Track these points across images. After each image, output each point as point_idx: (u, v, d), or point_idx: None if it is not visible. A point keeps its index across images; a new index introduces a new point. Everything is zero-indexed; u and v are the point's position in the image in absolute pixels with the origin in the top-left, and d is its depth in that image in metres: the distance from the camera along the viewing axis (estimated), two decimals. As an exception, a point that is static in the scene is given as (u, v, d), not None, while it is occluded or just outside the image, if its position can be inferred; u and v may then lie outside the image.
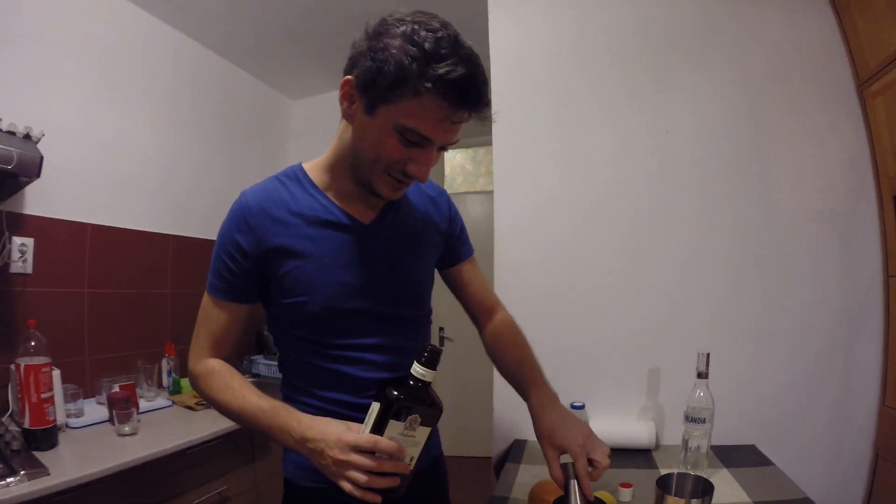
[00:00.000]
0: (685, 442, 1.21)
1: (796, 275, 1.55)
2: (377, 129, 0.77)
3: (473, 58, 0.73)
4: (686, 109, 1.62)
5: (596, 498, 0.91)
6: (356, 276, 0.89)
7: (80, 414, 1.68)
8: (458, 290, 1.12)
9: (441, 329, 4.02)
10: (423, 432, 0.77)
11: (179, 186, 2.36)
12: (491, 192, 1.73)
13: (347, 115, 0.82)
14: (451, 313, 3.85)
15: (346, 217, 0.90)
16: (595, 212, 1.65)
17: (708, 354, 1.19)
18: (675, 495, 0.89)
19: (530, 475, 1.27)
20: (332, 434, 0.74)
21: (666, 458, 1.39)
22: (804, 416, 1.54)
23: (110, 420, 1.65)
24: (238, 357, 2.27)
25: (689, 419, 1.20)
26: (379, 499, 0.73)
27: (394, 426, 0.75)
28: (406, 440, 0.76)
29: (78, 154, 1.90)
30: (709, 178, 1.60)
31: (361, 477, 0.71)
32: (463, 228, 1.10)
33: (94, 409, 1.74)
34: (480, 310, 1.13)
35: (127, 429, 1.57)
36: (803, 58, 1.60)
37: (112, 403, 1.62)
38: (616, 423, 1.46)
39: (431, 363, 0.77)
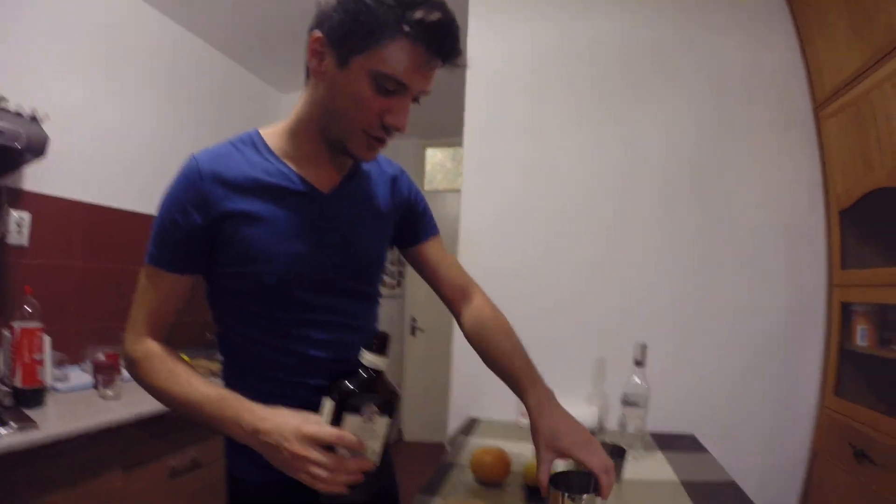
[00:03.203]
0: (622, 424, 1.31)
1: (744, 279, 1.66)
2: (352, 80, 0.76)
3: (446, 5, 0.74)
4: (656, 122, 1.74)
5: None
6: (311, 246, 0.84)
7: (65, 379, 1.78)
8: (427, 272, 1.05)
9: (413, 319, 4.15)
10: (382, 423, 0.75)
11: (172, 171, 2.44)
12: (471, 191, 1.83)
13: (317, 73, 0.80)
14: (423, 304, 4.05)
15: (303, 184, 0.85)
16: (559, 215, 1.76)
17: (644, 344, 1.29)
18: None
19: (479, 446, 1.34)
20: (288, 426, 0.69)
21: (606, 440, 1.47)
22: (744, 411, 1.65)
23: (94, 385, 1.74)
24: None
25: (626, 403, 1.29)
26: (344, 487, 0.70)
27: (351, 421, 0.72)
28: (366, 433, 0.73)
29: (77, 136, 1.99)
30: (671, 187, 1.71)
31: (323, 474, 0.68)
32: (426, 208, 1.06)
33: (79, 376, 1.83)
34: (454, 293, 1.05)
35: (110, 393, 1.67)
36: (767, 78, 1.73)
37: (97, 369, 1.71)
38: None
39: (382, 350, 0.74)
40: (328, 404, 0.73)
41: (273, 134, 0.88)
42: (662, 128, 1.73)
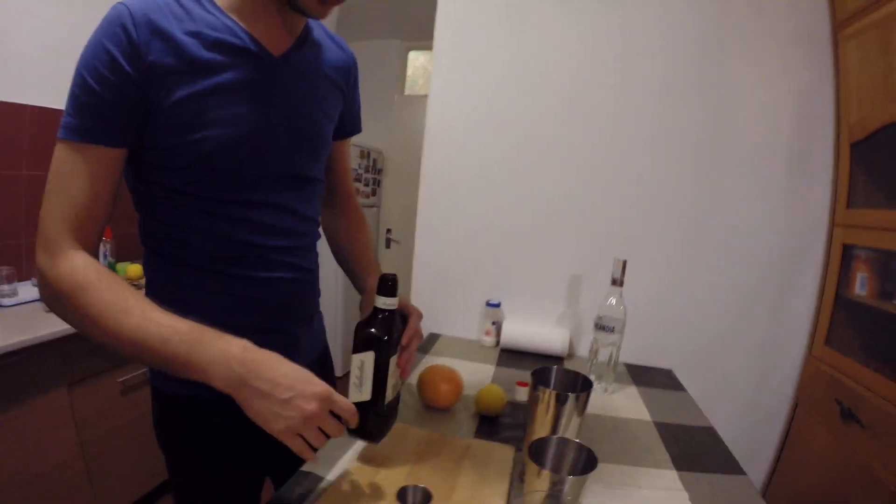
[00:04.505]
0: (594, 351, 1.19)
1: (739, 207, 1.52)
2: None
3: None
4: (656, 25, 1.53)
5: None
6: (259, 114, 0.74)
7: (13, 294, 1.68)
8: (329, 166, 0.99)
9: (388, 231, 4.03)
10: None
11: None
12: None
13: None
14: (399, 214, 3.93)
15: (253, 43, 0.73)
16: (540, 118, 1.57)
17: (624, 261, 1.15)
18: (553, 389, 0.85)
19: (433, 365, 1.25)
20: (312, 385, 0.61)
21: (576, 367, 1.36)
22: (727, 349, 1.55)
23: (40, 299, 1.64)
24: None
25: (599, 327, 1.16)
26: (314, 456, 0.65)
27: (392, 364, 0.73)
28: (395, 371, 0.75)
29: (23, 36, 1.82)
30: (668, 95, 1.53)
31: (321, 438, 0.63)
32: (359, 103, 1.01)
33: (29, 291, 1.74)
34: (342, 192, 1.05)
35: (54, 306, 1.57)
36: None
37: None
38: (530, 325, 1.46)
39: (395, 290, 0.73)
40: (367, 358, 0.70)
41: None
42: (664, 31, 1.52)
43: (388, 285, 0.72)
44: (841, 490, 1.38)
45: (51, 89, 1.89)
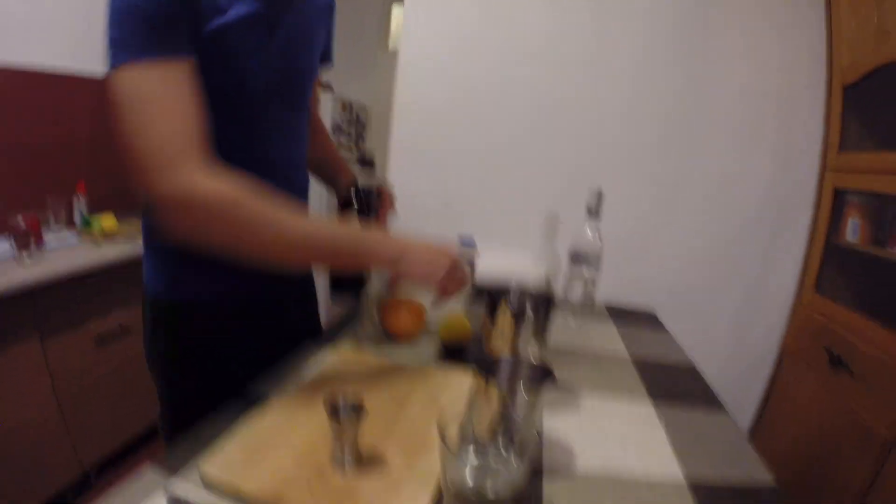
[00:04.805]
0: (568, 285, 1.14)
1: (728, 147, 1.48)
2: None
3: None
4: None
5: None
6: (271, 47, 0.78)
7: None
8: None
9: None
10: None
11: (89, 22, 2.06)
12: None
13: None
14: (381, 166, 3.85)
15: None
16: (519, 52, 1.54)
17: (600, 191, 1.09)
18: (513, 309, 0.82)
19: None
20: (443, 247, 0.80)
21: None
22: (713, 295, 1.51)
23: (14, 255, 1.62)
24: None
25: (574, 260, 1.11)
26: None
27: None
28: None
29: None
30: (652, 35, 1.49)
31: (457, 286, 0.81)
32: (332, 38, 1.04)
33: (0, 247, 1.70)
34: (313, 115, 1.08)
35: (27, 259, 1.55)
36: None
37: (14, 234, 1.58)
38: (503, 260, 1.42)
39: (373, 165, 0.92)
40: (351, 217, 0.91)
41: None
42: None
43: (366, 161, 0.88)
44: (829, 439, 1.35)
45: (20, 46, 1.84)
